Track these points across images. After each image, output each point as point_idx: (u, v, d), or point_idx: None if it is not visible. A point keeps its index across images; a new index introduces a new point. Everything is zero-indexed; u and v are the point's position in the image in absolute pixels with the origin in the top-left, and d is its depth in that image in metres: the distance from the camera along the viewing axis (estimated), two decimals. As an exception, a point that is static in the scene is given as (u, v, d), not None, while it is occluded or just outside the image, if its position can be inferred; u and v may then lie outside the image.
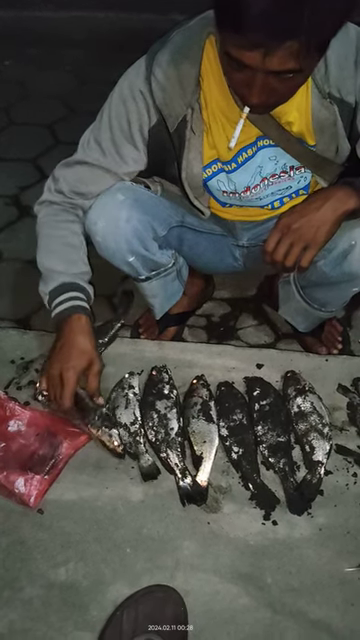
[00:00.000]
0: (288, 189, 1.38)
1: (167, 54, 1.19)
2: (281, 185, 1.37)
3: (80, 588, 1.10)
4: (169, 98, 1.20)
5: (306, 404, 1.33)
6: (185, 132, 1.23)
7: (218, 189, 1.35)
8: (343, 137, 1.26)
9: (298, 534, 1.17)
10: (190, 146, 1.26)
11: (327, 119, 1.23)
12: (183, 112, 1.21)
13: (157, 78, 1.19)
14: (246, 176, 1.32)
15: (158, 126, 1.24)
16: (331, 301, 1.61)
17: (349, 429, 1.34)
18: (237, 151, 1.28)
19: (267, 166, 1.32)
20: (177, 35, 1.20)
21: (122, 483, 1.24)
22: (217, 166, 1.31)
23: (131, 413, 1.33)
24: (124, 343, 1.58)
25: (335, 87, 1.19)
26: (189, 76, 1.19)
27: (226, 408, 1.34)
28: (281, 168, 1.33)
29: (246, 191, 1.35)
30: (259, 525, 1.18)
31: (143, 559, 1.14)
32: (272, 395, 1.36)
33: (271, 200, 1.40)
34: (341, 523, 1.18)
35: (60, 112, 3.13)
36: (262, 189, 1.36)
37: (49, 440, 1.26)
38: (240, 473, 1.25)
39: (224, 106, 1.23)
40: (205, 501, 1.21)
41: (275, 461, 1.25)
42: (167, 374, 1.41)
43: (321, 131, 1.25)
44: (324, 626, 1.06)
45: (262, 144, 1.28)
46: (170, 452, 1.26)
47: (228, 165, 1.30)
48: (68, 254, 1.34)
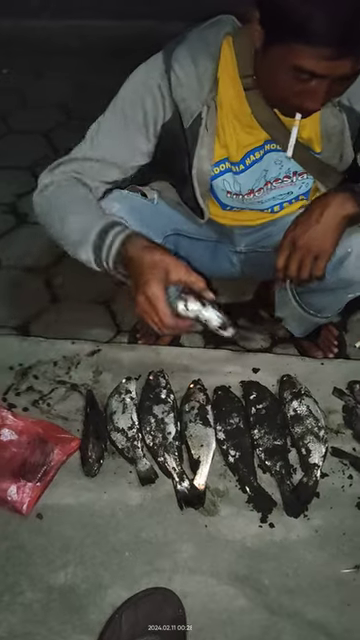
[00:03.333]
0: (289, 194, 1.41)
1: (185, 50, 1.19)
2: (283, 190, 1.39)
3: (79, 592, 1.11)
4: (187, 94, 1.21)
5: (302, 407, 1.34)
6: (199, 129, 1.24)
7: (223, 189, 1.36)
8: (349, 145, 1.29)
9: (295, 536, 1.18)
10: (203, 143, 1.26)
11: (335, 127, 1.26)
12: (199, 109, 1.22)
13: (176, 73, 1.19)
14: (252, 179, 1.34)
15: (172, 121, 1.24)
16: (327, 307, 1.63)
17: (345, 432, 1.35)
18: (245, 153, 1.30)
19: (272, 170, 1.34)
20: (194, 34, 1.21)
21: (120, 487, 1.25)
22: (225, 165, 1.32)
23: (128, 418, 1.34)
24: (122, 348, 1.59)
25: (345, 96, 1.21)
26: (207, 73, 1.20)
27: (223, 412, 1.35)
28: (285, 173, 1.35)
29: (250, 194, 1.37)
30: (256, 528, 1.19)
31: (142, 562, 1.15)
32: (268, 399, 1.37)
33: (272, 204, 1.42)
34: (337, 525, 1.19)
35: (57, 119, 3.15)
36: (265, 193, 1.38)
37: (40, 447, 1.27)
38: (237, 476, 1.26)
39: (237, 108, 1.24)
40: (203, 504, 1.22)
41: (272, 464, 1.26)
42: (164, 379, 1.42)
43: (328, 139, 1.28)
44: (321, 627, 1.07)
45: (269, 148, 1.30)
46: (168, 456, 1.28)
47: (236, 166, 1.32)
48: (94, 208, 1.29)
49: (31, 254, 2.26)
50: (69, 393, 1.43)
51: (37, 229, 2.36)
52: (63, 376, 1.47)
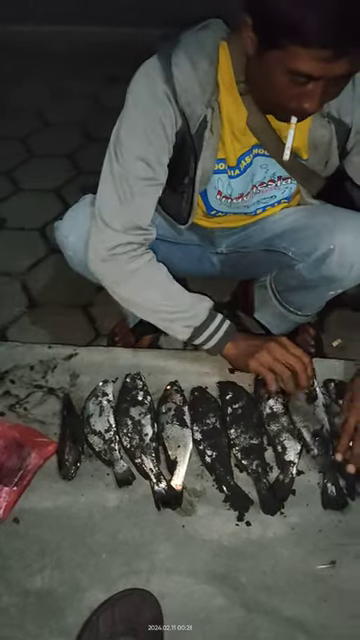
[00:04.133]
0: (272, 198, 1.43)
1: (183, 54, 1.17)
2: (267, 194, 1.41)
3: (56, 595, 1.10)
4: (191, 98, 1.19)
5: (277, 406, 1.35)
6: (204, 132, 1.24)
7: (215, 188, 1.36)
8: (335, 154, 1.31)
9: (271, 534, 1.18)
10: (208, 145, 1.26)
11: (323, 137, 1.28)
12: (204, 112, 1.21)
13: (178, 79, 1.17)
14: (243, 183, 1.36)
15: (182, 127, 1.23)
16: (308, 304, 1.65)
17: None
18: (237, 157, 1.31)
19: (258, 174, 1.36)
20: (189, 37, 1.20)
21: (97, 490, 1.25)
22: (223, 165, 1.32)
23: (105, 420, 1.34)
24: (99, 352, 1.59)
25: (334, 107, 1.23)
26: (208, 77, 1.19)
27: (199, 413, 1.36)
28: (270, 177, 1.36)
29: (239, 198, 1.38)
30: (233, 526, 1.20)
31: (119, 564, 1.14)
32: (244, 398, 1.38)
33: (255, 208, 1.44)
34: (313, 522, 1.20)
35: (35, 125, 3.15)
36: (251, 197, 1.39)
37: (17, 451, 1.26)
38: (214, 476, 1.26)
39: (234, 114, 1.24)
40: (180, 505, 1.22)
41: (248, 463, 1.27)
42: (141, 381, 1.42)
43: (315, 148, 1.30)
44: (297, 623, 1.08)
45: (257, 152, 1.31)
46: (145, 457, 1.28)
47: (232, 170, 1.33)
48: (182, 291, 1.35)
49: (8, 259, 2.26)
50: (46, 397, 1.42)
51: (14, 234, 2.40)
52: (40, 380, 1.46)
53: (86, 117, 3.08)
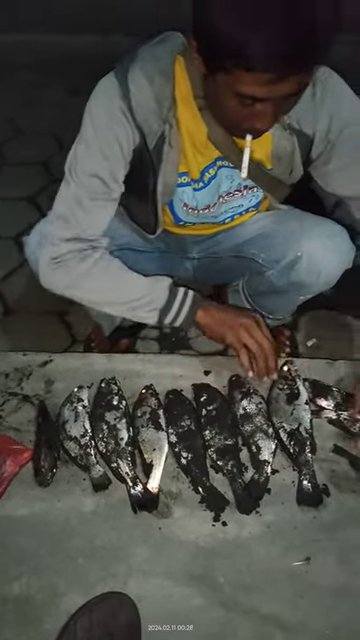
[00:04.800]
0: (240, 207, 1.43)
1: (139, 70, 1.16)
2: (234, 203, 1.41)
3: (34, 601, 1.10)
4: (148, 115, 1.19)
5: (251, 406, 1.36)
6: (163, 147, 1.23)
7: (181, 200, 1.37)
8: (299, 165, 1.31)
9: (247, 533, 1.20)
10: (167, 160, 1.25)
11: (286, 149, 1.28)
12: (161, 128, 1.20)
13: (135, 95, 1.17)
14: (209, 195, 1.36)
15: (140, 143, 1.22)
16: (279, 308, 1.67)
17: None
18: (200, 170, 1.31)
19: (224, 184, 1.35)
20: (145, 52, 1.18)
21: (74, 495, 1.25)
22: (186, 179, 1.32)
23: (81, 426, 1.34)
24: (74, 358, 1.59)
25: (295, 119, 1.23)
26: (164, 91, 1.18)
27: (174, 415, 1.37)
28: (235, 187, 1.37)
29: (205, 209, 1.39)
30: (209, 527, 1.21)
31: (96, 568, 1.15)
32: (218, 400, 1.39)
33: (224, 217, 1.45)
34: (288, 519, 1.21)
35: (7, 133, 3.15)
36: (218, 207, 1.40)
37: (-8, 459, 1.27)
38: (190, 477, 1.27)
39: (193, 129, 1.24)
40: (156, 507, 1.23)
41: (223, 463, 1.28)
42: (116, 385, 1.43)
43: (279, 159, 1.30)
44: (275, 620, 1.09)
45: (221, 164, 1.31)
46: (121, 461, 1.28)
47: (196, 183, 1.33)
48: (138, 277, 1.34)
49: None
50: (21, 404, 1.42)
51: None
52: (15, 388, 1.46)
53: (58, 125, 3.08)
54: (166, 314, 1.33)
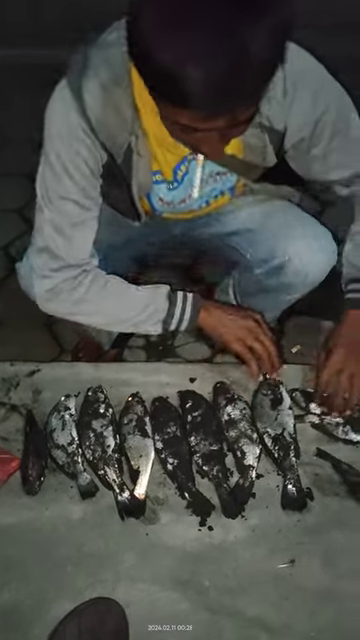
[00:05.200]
0: (214, 190, 1.41)
1: (93, 80, 1.09)
2: (207, 188, 1.39)
3: (23, 608, 1.12)
4: (111, 131, 1.13)
5: (235, 412, 1.39)
6: (132, 157, 1.19)
7: (157, 194, 1.36)
8: (272, 154, 1.29)
9: (233, 537, 1.22)
10: (138, 168, 1.22)
11: (257, 144, 1.26)
12: (127, 140, 1.16)
13: (93, 110, 1.10)
14: (184, 190, 1.35)
15: (108, 159, 1.19)
16: (267, 310, 1.67)
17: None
18: (172, 168, 1.29)
19: (196, 175, 1.33)
20: (95, 56, 1.10)
21: (62, 503, 1.27)
22: (160, 177, 1.31)
23: (68, 434, 1.36)
24: (61, 367, 1.61)
25: (265, 117, 1.20)
26: (124, 101, 1.11)
27: (160, 422, 1.39)
28: (208, 174, 1.35)
29: (181, 202, 1.39)
30: (196, 532, 1.22)
31: (85, 575, 1.16)
32: (203, 406, 1.41)
33: (199, 203, 1.43)
34: (273, 523, 1.23)
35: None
36: (193, 197, 1.39)
37: (-21, 468, 1.28)
38: (176, 483, 1.29)
39: (159, 132, 1.18)
40: (143, 513, 1.25)
41: (209, 469, 1.30)
42: (102, 394, 1.44)
43: (251, 150, 1.28)
44: (260, 622, 1.11)
45: (192, 158, 1.28)
46: (108, 469, 1.30)
47: (170, 184, 1.33)
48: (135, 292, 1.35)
49: None
50: (9, 414, 1.44)
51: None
52: (2, 397, 1.47)
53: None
54: (170, 322, 1.34)
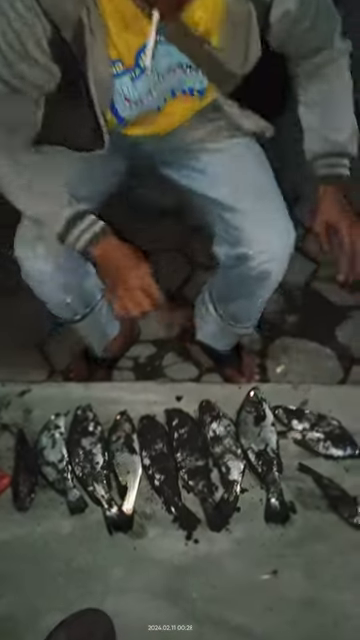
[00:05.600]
0: (180, 83, 1.28)
1: None
2: (173, 78, 1.26)
3: (16, 619, 1.15)
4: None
5: (220, 428, 1.43)
6: (84, 37, 1.06)
7: (121, 95, 1.23)
8: (255, 39, 1.19)
9: (218, 549, 1.25)
10: (92, 50, 1.09)
11: (242, 13, 1.14)
12: (77, 13, 1.03)
13: None
14: (148, 81, 1.22)
15: (55, 35, 1.05)
16: (245, 314, 1.69)
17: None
18: (134, 54, 1.16)
19: (161, 62, 1.20)
20: None
21: (52, 519, 1.30)
22: (120, 67, 1.17)
23: (58, 452, 1.39)
24: (51, 387, 1.66)
25: None
26: None
27: (148, 439, 1.43)
28: (175, 64, 1.23)
29: (148, 95, 1.26)
30: (182, 545, 1.26)
31: (75, 587, 1.20)
32: (189, 423, 1.45)
33: (164, 96, 1.30)
34: (257, 536, 1.27)
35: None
36: (159, 87, 1.26)
37: (-29, 485, 1.31)
38: (163, 498, 1.33)
39: (120, 4, 1.08)
40: (131, 528, 1.28)
41: (194, 484, 1.34)
42: (91, 412, 1.48)
43: (233, 26, 1.16)
44: (245, 631, 1.15)
45: (156, 40, 1.13)
46: (96, 485, 1.34)
47: (132, 72, 1.19)
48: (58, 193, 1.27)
49: None
50: (0, 433, 1.47)
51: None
52: (-6, 417, 1.52)
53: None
54: (65, 238, 1.28)
